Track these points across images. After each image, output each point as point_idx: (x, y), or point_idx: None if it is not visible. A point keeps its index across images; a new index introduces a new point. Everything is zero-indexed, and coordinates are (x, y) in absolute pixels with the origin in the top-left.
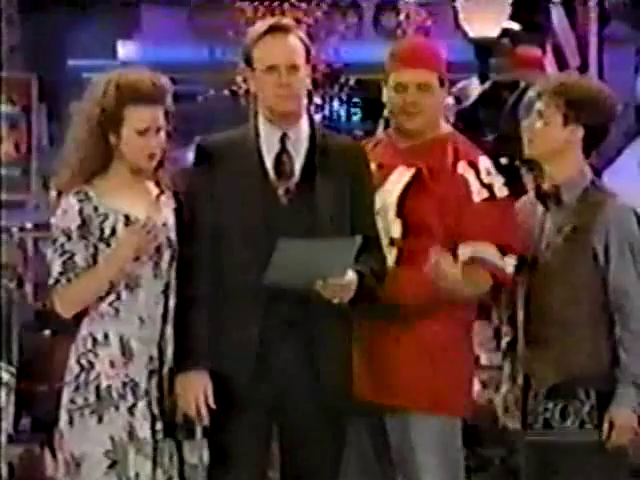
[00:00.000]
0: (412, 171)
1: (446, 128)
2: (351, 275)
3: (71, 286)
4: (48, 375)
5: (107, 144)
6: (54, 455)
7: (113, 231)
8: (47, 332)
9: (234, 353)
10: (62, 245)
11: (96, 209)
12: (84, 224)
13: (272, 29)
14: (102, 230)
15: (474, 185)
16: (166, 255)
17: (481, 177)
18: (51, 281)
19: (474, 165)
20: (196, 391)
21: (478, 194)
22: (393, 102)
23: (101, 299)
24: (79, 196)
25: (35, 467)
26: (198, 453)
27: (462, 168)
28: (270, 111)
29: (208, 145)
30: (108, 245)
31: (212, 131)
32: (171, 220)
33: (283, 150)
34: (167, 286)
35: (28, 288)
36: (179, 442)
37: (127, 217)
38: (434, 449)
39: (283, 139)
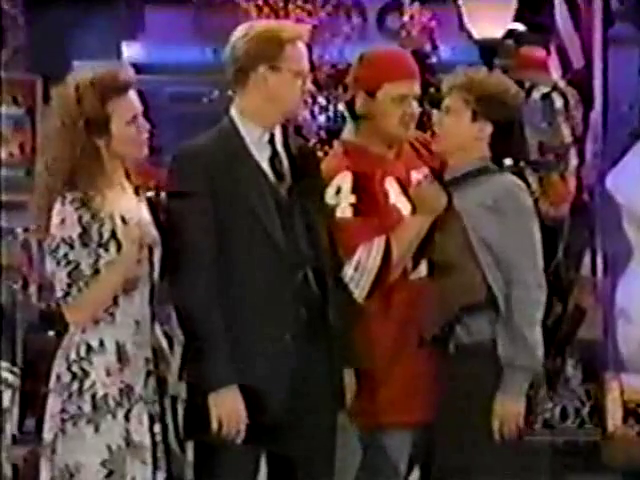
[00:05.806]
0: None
1: None
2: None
3: (83, 295)
4: None
5: (95, 149)
6: None
7: (112, 235)
8: (51, 333)
9: (268, 364)
10: (65, 255)
11: (94, 215)
12: (85, 231)
13: (300, 35)
14: (101, 235)
15: None
16: (157, 252)
17: None
18: (60, 294)
19: None
20: (229, 412)
21: None
22: (390, 113)
23: None
24: (75, 204)
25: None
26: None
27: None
28: (284, 114)
29: (195, 153)
30: (107, 250)
31: None
32: (148, 216)
33: (276, 151)
34: (154, 285)
35: (32, 289)
36: (181, 440)
37: (123, 219)
38: None
39: (272, 140)
